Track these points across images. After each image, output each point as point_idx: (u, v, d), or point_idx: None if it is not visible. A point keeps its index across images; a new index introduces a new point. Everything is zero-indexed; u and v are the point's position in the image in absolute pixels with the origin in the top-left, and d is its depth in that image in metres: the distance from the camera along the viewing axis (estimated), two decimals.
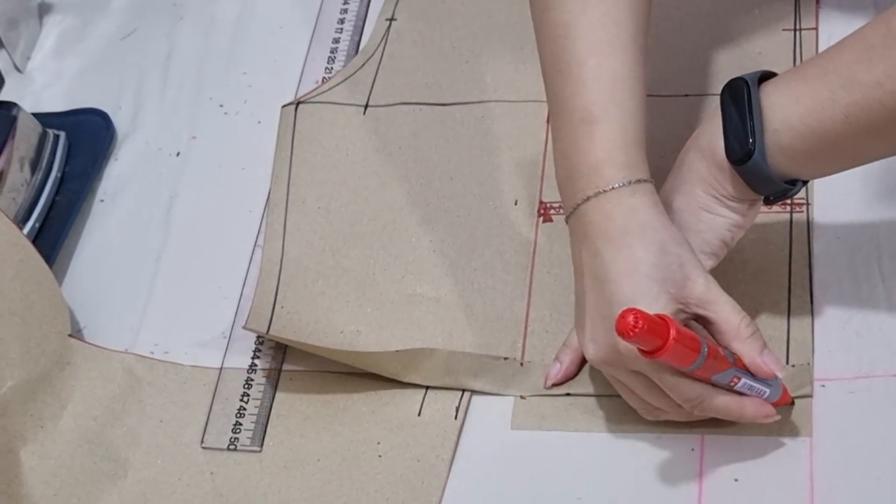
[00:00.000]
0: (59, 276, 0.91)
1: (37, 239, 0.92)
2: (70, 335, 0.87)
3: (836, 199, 0.84)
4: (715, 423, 0.76)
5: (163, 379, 0.86)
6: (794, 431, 0.76)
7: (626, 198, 0.72)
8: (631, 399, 0.76)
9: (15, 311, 0.84)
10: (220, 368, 0.86)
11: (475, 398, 0.81)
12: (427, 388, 0.81)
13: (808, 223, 0.83)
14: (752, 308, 0.77)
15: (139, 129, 1.00)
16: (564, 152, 0.74)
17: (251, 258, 0.91)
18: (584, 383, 0.80)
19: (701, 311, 0.72)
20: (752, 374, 0.72)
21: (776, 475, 0.74)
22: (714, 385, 0.72)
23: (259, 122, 0.99)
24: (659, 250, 0.71)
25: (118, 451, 0.83)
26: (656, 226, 0.72)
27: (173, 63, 1.04)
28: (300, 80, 1.00)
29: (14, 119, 0.94)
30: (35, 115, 0.97)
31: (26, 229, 0.92)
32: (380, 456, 0.79)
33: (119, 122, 1.01)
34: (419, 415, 0.80)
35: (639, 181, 0.72)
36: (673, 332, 0.67)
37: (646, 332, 0.66)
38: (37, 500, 0.81)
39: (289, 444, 0.81)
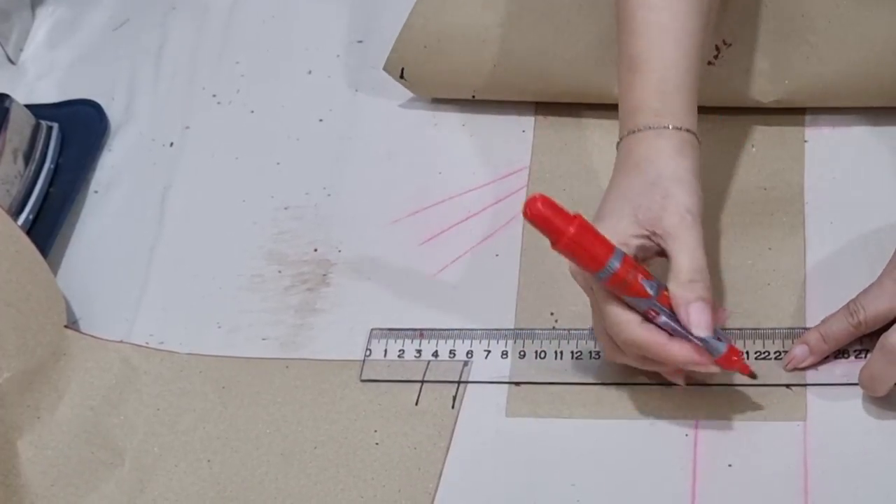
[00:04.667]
0: (54, 267, 0.91)
1: (31, 230, 0.92)
2: (66, 326, 0.87)
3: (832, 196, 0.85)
4: (709, 408, 0.77)
5: (159, 368, 0.86)
6: (788, 416, 0.76)
7: (651, 139, 0.76)
8: (596, 329, 0.77)
9: (11, 303, 0.85)
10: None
11: (470, 387, 0.81)
12: (423, 381, 0.82)
13: (803, 221, 0.84)
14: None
15: (132, 119, 1.00)
16: (620, 94, 0.79)
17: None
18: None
19: (664, 245, 0.73)
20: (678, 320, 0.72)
21: (770, 460, 0.75)
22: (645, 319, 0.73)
23: (252, 112, 0.99)
24: (650, 181, 0.74)
25: (115, 441, 0.83)
26: (663, 163, 0.75)
27: (166, 53, 1.04)
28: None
29: (7, 111, 0.94)
30: (28, 106, 0.97)
31: (20, 221, 0.92)
32: (377, 444, 0.80)
33: (112, 112, 1.01)
34: (416, 404, 0.81)
35: (665, 127, 0.76)
36: (573, 228, 0.69)
37: (546, 217, 0.68)
38: (35, 490, 0.81)
39: (285, 431, 0.82)
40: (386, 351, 0.84)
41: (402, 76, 0.93)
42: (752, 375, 0.77)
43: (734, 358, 0.74)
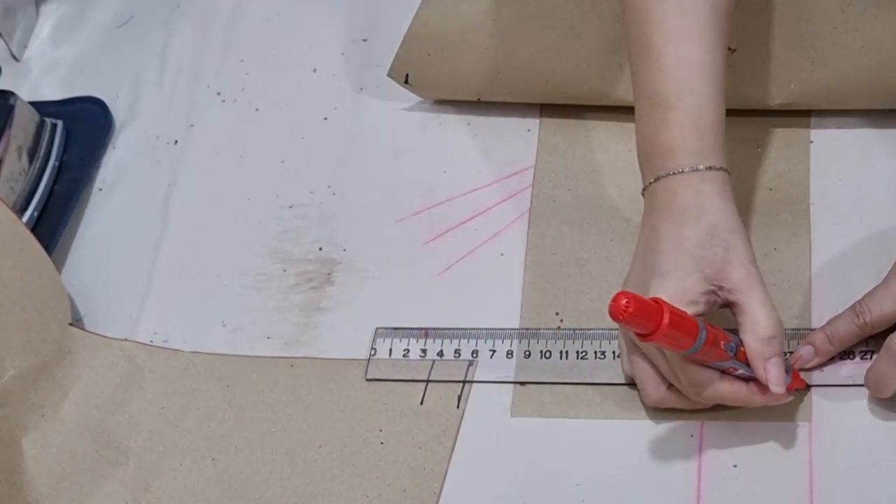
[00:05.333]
0: (58, 265, 0.91)
1: (35, 228, 0.92)
2: (70, 324, 0.87)
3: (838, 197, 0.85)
4: (714, 409, 0.77)
5: (164, 366, 0.86)
6: (793, 417, 0.76)
7: (694, 181, 0.74)
8: (644, 376, 0.76)
9: (15, 301, 0.84)
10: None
11: (475, 386, 0.81)
12: (428, 380, 0.82)
13: (809, 222, 0.84)
14: None
15: (137, 117, 1.00)
16: (644, 133, 0.76)
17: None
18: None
19: (732, 298, 0.72)
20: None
21: (775, 461, 0.75)
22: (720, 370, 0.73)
23: (257, 110, 0.99)
24: (708, 232, 0.72)
25: (120, 439, 0.83)
26: (715, 210, 0.73)
27: (170, 51, 1.04)
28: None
29: (11, 108, 0.94)
30: (32, 103, 0.96)
31: (25, 218, 0.92)
32: (382, 443, 0.80)
33: (117, 110, 1.01)
34: (421, 403, 0.81)
35: (710, 168, 0.74)
36: (666, 317, 0.68)
37: (636, 315, 0.67)
38: (39, 488, 0.81)
39: (290, 430, 0.82)
40: (391, 350, 0.84)
41: (406, 81, 0.93)
42: (807, 386, 0.77)
43: (796, 383, 0.75)
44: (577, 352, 0.81)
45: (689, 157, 0.74)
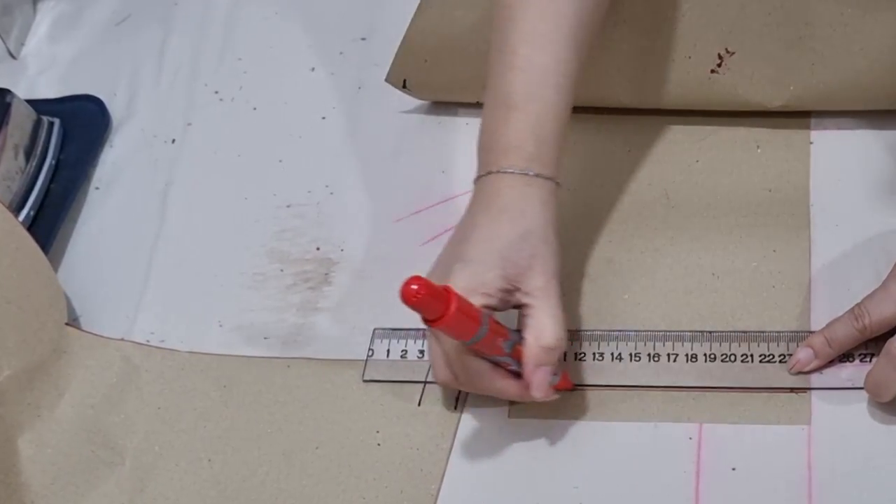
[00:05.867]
0: (55, 264, 0.91)
1: (32, 227, 0.92)
2: (67, 323, 0.87)
3: (838, 198, 0.85)
4: (713, 412, 0.77)
5: (160, 366, 0.86)
6: (792, 420, 0.76)
7: (521, 184, 0.75)
8: (434, 357, 0.77)
9: (11, 300, 0.84)
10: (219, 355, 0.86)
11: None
12: (426, 382, 0.81)
13: (809, 223, 0.84)
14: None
15: (134, 115, 1.00)
16: (486, 127, 0.78)
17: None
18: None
19: (526, 301, 0.74)
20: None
21: (774, 464, 0.75)
22: (495, 364, 0.75)
23: (254, 109, 0.99)
24: (521, 235, 0.74)
25: (116, 439, 0.83)
26: (533, 216, 0.75)
27: (168, 49, 1.03)
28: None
29: (8, 106, 0.94)
30: (29, 101, 0.96)
31: (21, 217, 0.92)
32: (379, 444, 0.80)
33: (114, 108, 1.01)
34: (419, 405, 0.81)
35: (538, 175, 0.75)
36: (453, 306, 0.70)
37: (426, 300, 0.69)
38: (35, 488, 0.81)
39: (287, 431, 0.81)
40: (388, 351, 0.84)
41: (404, 86, 0.93)
42: (573, 388, 0.79)
43: (563, 383, 0.77)
44: (576, 353, 0.81)
45: (522, 160, 0.75)
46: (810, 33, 0.84)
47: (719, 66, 0.86)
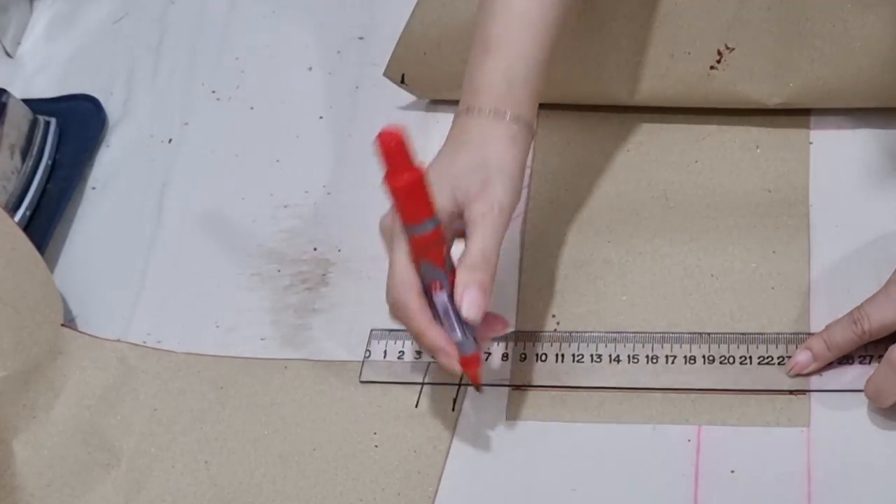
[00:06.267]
0: (51, 264, 0.91)
1: (28, 227, 0.92)
2: (62, 324, 0.86)
3: (837, 199, 0.85)
4: (712, 414, 0.76)
5: (156, 367, 0.85)
6: (791, 422, 0.76)
7: (488, 122, 0.76)
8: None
9: (7, 301, 0.84)
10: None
11: (471, 389, 0.81)
12: (423, 383, 0.81)
13: (808, 224, 0.84)
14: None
15: (131, 115, 1.00)
16: (468, 69, 0.79)
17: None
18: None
19: (466, 229, 0.74)
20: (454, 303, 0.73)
21: (773, 466, 0.74)
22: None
23: (252, 108, 0.99)
24: (478, 164, 0.75)
25: (112, 441, 0.83)
26: (495, 149, 0.75)
27: (165, 48, 1.03)
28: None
29: (4, 105, 0.93)
30: (25, 101, 0.96)
31: (17, 217, 0.92)
32: (376, 446, 0.79)
33: (110, 108, 1.00)
34: (416, 406, 0.80)
35: (504, 114, 0.76)
36: (417, 174, 0.69)
37: (401, 147, 0.68)
38: (30, 490, 0.81)
39: (284, 432, 0.81)
40: (386, 352, 0.83)
41: (402, 81, 0.93)
42: (479, 389, 0.78)
43: (475, 364, 0.75)
44: (574, 355, 0.81)
45: (492, 100, 0.76)
46: (810, 29, 0.84)
47: (719, 62, 0.86)
